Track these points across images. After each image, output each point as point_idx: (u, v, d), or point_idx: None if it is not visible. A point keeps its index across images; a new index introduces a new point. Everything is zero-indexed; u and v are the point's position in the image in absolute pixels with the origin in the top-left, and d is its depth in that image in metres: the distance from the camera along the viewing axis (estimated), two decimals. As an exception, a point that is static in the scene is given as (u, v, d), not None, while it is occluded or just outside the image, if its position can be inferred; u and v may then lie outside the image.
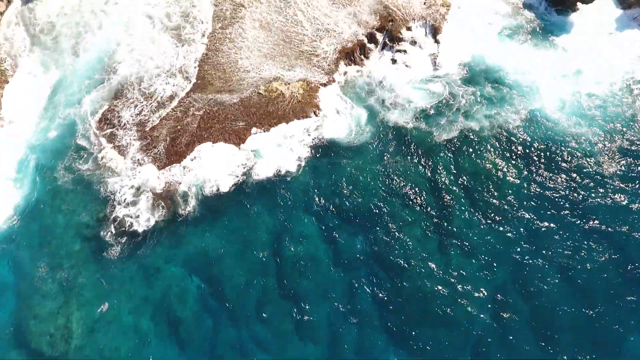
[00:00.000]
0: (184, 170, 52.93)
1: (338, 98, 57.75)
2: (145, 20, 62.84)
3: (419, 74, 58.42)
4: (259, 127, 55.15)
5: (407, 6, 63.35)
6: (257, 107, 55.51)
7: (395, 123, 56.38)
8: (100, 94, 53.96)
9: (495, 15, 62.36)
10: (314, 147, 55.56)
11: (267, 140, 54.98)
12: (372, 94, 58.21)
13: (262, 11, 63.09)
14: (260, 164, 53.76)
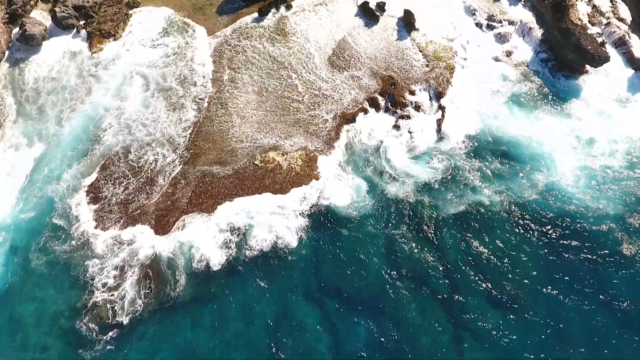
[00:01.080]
0: (173, 244, 48.79)
1: (338, 167, 54.02)
2: (140, 81, 59.85)
3: (422, 143, 54.88)
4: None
5: (409, 69, 60.86)
6: (252, 180, 51.62)
7: (396, 195, 52.53)
8: (82, 168, 49.89)
9: (502, 81, 59.70)
10: (312, 218, 51.26)
11: (262, 210, 51.12)
12: (372, 164, 54.35)
13: (257, 75, 60.33)
14: (255, 237, 49.51)
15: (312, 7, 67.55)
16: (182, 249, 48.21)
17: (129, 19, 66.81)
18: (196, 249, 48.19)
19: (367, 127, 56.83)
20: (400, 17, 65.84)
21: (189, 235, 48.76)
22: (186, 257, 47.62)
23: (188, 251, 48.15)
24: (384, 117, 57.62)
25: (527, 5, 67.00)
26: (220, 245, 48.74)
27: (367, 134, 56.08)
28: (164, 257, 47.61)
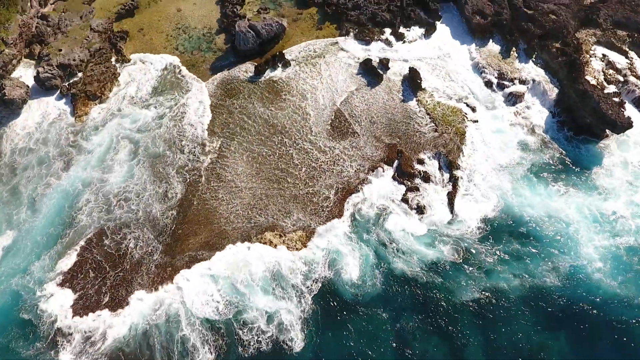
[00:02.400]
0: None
1: (343, 238, 49.17)
2: (128, 147, 55.09)
3: (433, 219, 49.83)
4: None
5: (416, 134, 56.29)
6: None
7: (404, 273, 47.25)
8: (53, 257, 44.42)
9: (517, 149, 54.73)
10: (316, 302, 46.19)
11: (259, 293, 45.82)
12: (379, 238, 49.16)
13: (250, 142, 54.92)
14: (255, 326, 43.84)
15: (310, 64, 63.58)
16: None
17: (118, 77, 62.87)
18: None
19: (373, 197, 51.83)
20: (405, 75, 61.76)
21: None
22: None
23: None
24: (390, 186, 52.65)
25: (539, 63, 62.90)
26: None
27: (373, 205, 50.98)
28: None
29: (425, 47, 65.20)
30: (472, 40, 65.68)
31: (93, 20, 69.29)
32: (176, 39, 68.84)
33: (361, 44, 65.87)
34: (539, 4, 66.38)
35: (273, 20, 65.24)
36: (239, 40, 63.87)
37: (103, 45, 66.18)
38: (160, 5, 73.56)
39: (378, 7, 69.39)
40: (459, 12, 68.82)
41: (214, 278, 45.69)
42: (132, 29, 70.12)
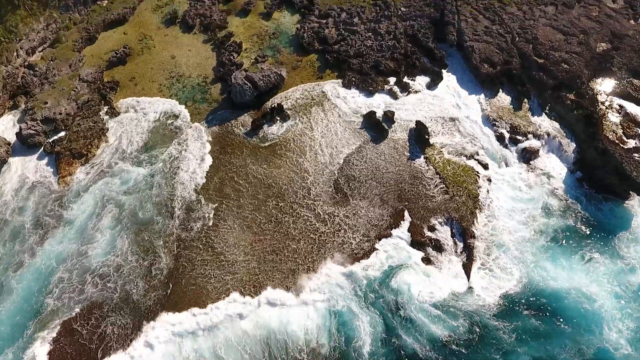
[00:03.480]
0: None
1: (348, 300, 44.30)
2: (112, 212, 50.32)
3: (445, 292, 45.19)
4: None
5: (425, 196, 51.62)
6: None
7: (415, 351, 42.36)
8: (18, 353, 38.80)
9: (535, 213, 49.88)
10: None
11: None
12: (387, 310, 44.35)
13: (246, 207, 49.85)
14: None
15: (309, 116, 59.48)
16: None
17: (106, 133, 58.76)
18: None
19: (380, 262, 47.26)
20: (412, 129, 57.92)
21: None
22: None
23: None
24: (399, 254, 48.14)
25: (553, 116, 59.01)
26: None
27: (380, 270, 46.30)
28: None
29: (431, 98, 61.37)
30: (481, 91, 61.98)
31: (82, 70, 65.63)
32: (170, 89, 65.01)
33: (364, 95, 62.27)
34: (550, 52, 63.03)
35: (271, 71, 61.60)
36: (236, 93, 60.02)
37: (92, 96, 62.26)
38: (154, 52, 70.08)
39: (381, 55, 65.95)
40: (465, 60, 65.38)
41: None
42: (124, 78, 66.38)
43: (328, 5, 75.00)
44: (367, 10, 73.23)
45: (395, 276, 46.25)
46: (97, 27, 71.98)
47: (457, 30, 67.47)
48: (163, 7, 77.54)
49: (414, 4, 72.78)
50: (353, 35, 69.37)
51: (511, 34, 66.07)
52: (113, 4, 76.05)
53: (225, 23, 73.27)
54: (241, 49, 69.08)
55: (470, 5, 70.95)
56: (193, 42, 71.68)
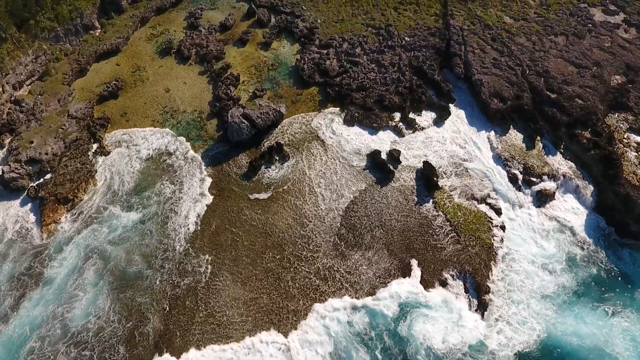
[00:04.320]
0: None
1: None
2: (96, 265, 46.05)
3: (459, 350, 41.47)
4: None
5: (436, 246, 47.34)
6: None
7: None
8: None
9: (554, 265, 45.89)
10: None
11: None
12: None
13: (242, 260, 46.13)
14: None
15: (310, 154, 55.86)
16: None
17: (94, 175, 55.11)
18: None
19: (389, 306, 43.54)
20: (419, 169, 54.46)
21: None
22: None
23: None
24: (408, 301, 44.24)
25: (568, 155, 55.41)
26: None
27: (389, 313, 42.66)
28: None
29: (439, 136, 57.92)
30: (491, 127, 58.51)
31: (72, 105, 62.24)
32: (163, 125, 61.61)
33: (368, 132, 58.84)
34: (562, 86, 59.77)
35: (270, 108, 58.19)
36: (232, 132, 56.50)
37: (81, 134, 58.74)
38: (147, 85, 66.77)
39: (385, 89, 62.66)
40: (474, 95, 61.98)
41: None
42: (115, 113, 62.92)
43: (329, 34, 71.99)
44: (369, 39, 70.19)
45: (404, 325, 42.29)
46: (88, 58, 68.81)
47: (465, 63, 64.27)
48: (158, 37, 74.50)
49: (419, 34, 69.76)
50: (355, 67, 66.17)
51: (521, 67, 62.88)
52: (106, 33, 73.05)
53: (222, 54, 70.13)
54: (238, 82, 65.78)
55: (477, 35, 67.92)
56: (188, 73, 68.44)
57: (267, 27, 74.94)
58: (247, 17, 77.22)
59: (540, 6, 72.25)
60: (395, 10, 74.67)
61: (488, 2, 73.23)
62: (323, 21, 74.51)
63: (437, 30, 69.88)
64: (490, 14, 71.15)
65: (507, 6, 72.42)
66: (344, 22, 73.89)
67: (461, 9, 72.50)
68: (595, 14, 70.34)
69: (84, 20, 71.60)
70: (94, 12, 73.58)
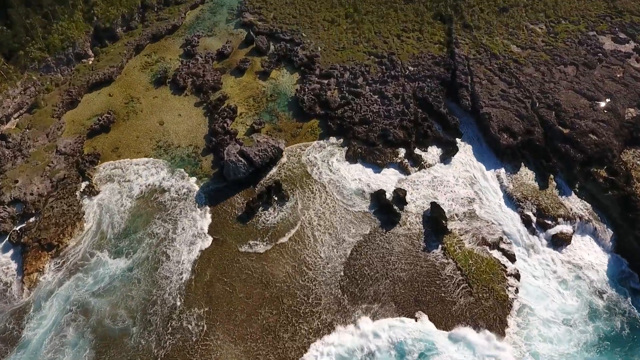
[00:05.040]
0: None
1: None
2: (76, 322, 42.15)
3: None
4: None
5: (445, 298, 43.50)
6: None
7: None
8: None
9: (575, 318, 42.14)
10: None
11: None
12: None
13: (235, 316, 42.34)
14: None
15: (310, 193, 52.52)
16: None
17: (82, 217, 51.63)
18: None
19: None
20: (427, 211, 51.14)
21: None
22: None
23: None
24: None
25: (584, 195, 52.06)
26: None
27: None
28: None
29: (446, 174, 54.65)
30: (501, 164, 55.28)
31: (60, 140, 59.03)
32: (153, 165, 58.23)
33: (372, 169, 55.62)
34: (575, 120, 56.72)
35: (268, 144, 54.99)
36: (229, 171, 53.21)
37: (69, 172, 55.40)
38: (141, 117, 63.66)
39: (389, 122, 59.58)
40: (482, 129, 58.76)
41: None
42: (106, 148, 59.65)
43: (330, 63, 69.15)
44: (372, 69, 67.33)
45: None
46: (80, 89, 65.79)
47: (471, 94, 61.31)
48: (153, 65, 71.63)
49: (423, 63, 66.93)
50: (357, 99, 63.18)
51: (531, 99, 59.91)
52: (99, 62, 70.19)
53: (219, 84, 67.20)
54: (236, 114, 62.70)
55: (483, 65, 65.12)
56: (184, 105, 65.40)
57: (266, 55, 72.20)
58: (246, 45, 74.51)
59: (548, 34, 69.63)
60: (398, 38, 72.00)
61: (494, 29, 70.63)
62: (324, 49, 71.78)
63: (441, 59, 67.07)
64: (497, 42, 68.46)
65: (513, 34, 69.78)
66: (345, 50, 71.17)
67: (466, 37, 69.87)
68: (604, 43, 67.70)
69: (76, 49, 68.74)
70: (87, 40, 70.74)
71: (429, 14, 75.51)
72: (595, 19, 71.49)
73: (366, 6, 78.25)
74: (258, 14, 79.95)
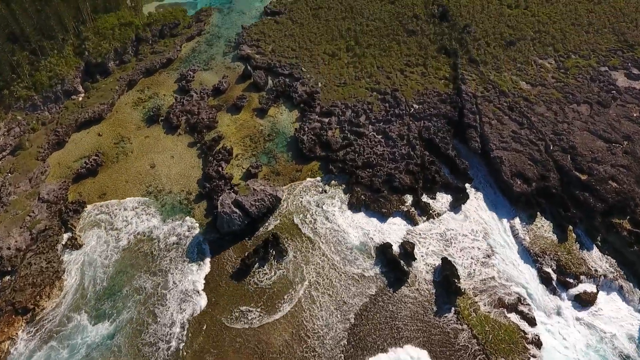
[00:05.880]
0: None
1: None
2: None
3: None
4: None
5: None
6: None
7: None
8: None
9: None
10: None
11: None
12: None
13: None
14: None
15: (310, 247, 48.45)
16: None
17: (62, 276, 47.04)
18: None
19: None
20: (437, 268, 46.80)
21: None
22: None
23: None
24: None
25: (606, 249, 47.90)
26: None
27: None
28: None
29: (457, 225, 50.39)
30: (515, 213, 51.21)
31: (43, 186, 54.85)
32: (143, 212, 54.12)
33: (377, 219, 51.42)
34: (592, 165, 52.80)
35: (265, 193, 50.83)
36: (222, 223, 48.92)
37: (51, 223, 51.03)
38: (131, 159, 59.61)
39: (394, 166, 55.60)
40: (493, 173, 54.80)
41: None
42: (93, 194, 55.42)
43: (330, 100, 65.56)
44: (374, 107, 63.70)
45: None
46: (68, 128, 61.91)
47: (481, 136, 57.49)
48: (146, 101, 67.98)
49: (428, 100, 63.35)
50: (360, 139, 59.35)
51: (544, 141, 56.07)
52: (90, 99, 66.47)
53: (214, 122, 63.41)
54: (231, 156, 58.75)
55: (492, 103, 61.52)
56: (177, 145, 61.47)
57: (264, 91, 68.72)
58: (243, 80, 71.11)
59: (558, 69, 66.25)
60: (402, 73, 68.60)
61: (501, 64, 67.27)
62: (324, 85, 68.29)
63: (448, 96, 63.52)
64: (505, 78, 65.02)
65: (522, 70, 66.39)
66: (346, 86, 67.66)
67: (473, 72, 66.46)
68: (617, 79, 64.25)
69: (65, 85, 65.18)
70: (77, 76, 67.27)
71: (433, 47, 72.35)
72: (606, 53, 68.21)
73: (367, 39, 75.14)
74: (256, 46, 76.77)
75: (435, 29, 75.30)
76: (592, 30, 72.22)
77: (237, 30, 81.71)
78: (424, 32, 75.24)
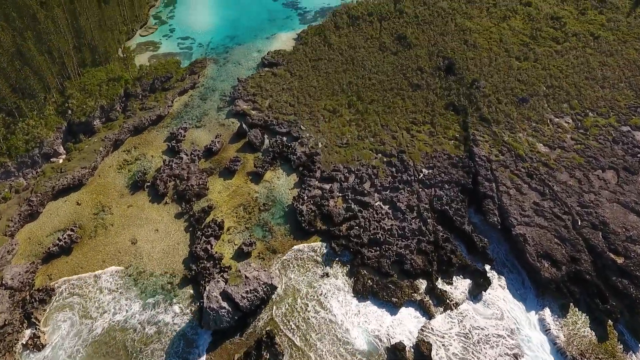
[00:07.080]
0: None
1: None
2: None
3: None
4: None
5: None
6: None
7: None
8: None
9: None
10: None
11: None
12: None
13: None
14: None
15: (310, 351, 41.66)
16: None
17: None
18: None
19: None
20: (458, 374, 39.68)
21: None
22: None
23: None
24: None
25: (655, 349, 41.37)
26: None
27: None
28: None
29: (479, 318, 43.47)
30: (544, 303, 44.35)
31: (8, 269, 47.84)
32: (122, 296, 47.22)
33: (386, 310, 44.44)
34: (628, 245, 46.31)
35: (259, 282, 43.89)
36: (208, 320, 41.64)
37: (11, 316, 43.78)
38: (110, 234, 52.92)
39: (404, 245, 49.09)
40: (514, 251, 48.46)
41: None
42: (65, 275, 48.77)
43: (332, 162, 59.72)
44: (380, 171, 57.77)
45: None
46: (43, 197, 55.50)
47: (499, 207, 51.36)
48: (132, 164, 61.91)
49: (438, 164, 57.50)
50: (365, 211, 53.11)
51: (570, 215, 49.87)
52: (70, 161, 60.36)
53: (204, 189, 57.17)
54: (222, 230, 52.32)
55: (508, 169, 55.67)
56: (162, 217, 54.96)
57: (260, 152, 62.98)
58: (237, 138, 65.43)
59: (577, 129, 60.85)
60: (408, 132, 63.11)
61: (515, 124, 61.87)
62: (325, 145, 62.59)
63: (459, 159, 57.74)
64: (520, 140, 59.46)
65: (537, 130, 60.96)
66: (349, 147, 61.97)
67: (485, 133, 60.97)
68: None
69: (43, 149, 59.31)
70: (58, 137, 61.49)
71: (440, 103, 67.19)
72: (626, 110, 63.05)
73: (370, 93, 70.06)
74: (252, 101, 71.54)
75: (442, 83, 70.37)
76: (607, 85, 67.37)
77: (232, 83, 76.77)
78: (430, 86, 70.30)
